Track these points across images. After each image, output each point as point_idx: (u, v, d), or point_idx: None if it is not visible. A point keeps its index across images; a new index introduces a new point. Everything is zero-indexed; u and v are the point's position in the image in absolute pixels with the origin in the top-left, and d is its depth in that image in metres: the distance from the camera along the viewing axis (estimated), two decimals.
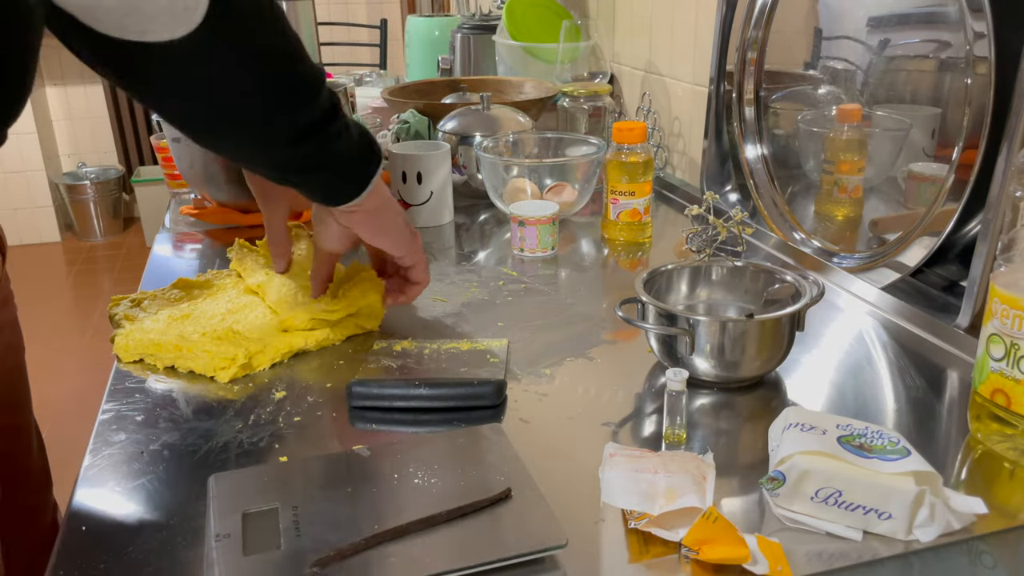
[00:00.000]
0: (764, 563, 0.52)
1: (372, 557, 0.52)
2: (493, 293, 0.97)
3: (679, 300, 0.84)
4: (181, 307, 0.88)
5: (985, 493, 0.59)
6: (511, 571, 0.52)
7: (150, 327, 0.83)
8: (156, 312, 0.87)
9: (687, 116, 1.40)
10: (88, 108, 4.28)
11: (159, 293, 0.92)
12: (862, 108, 0.99)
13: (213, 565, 0.52)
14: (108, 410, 0.74)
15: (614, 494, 0.58)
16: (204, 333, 0.81)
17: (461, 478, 0.59)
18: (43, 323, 3.21)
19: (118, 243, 4.13)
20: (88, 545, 0.57)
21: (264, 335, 0.82)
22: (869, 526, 0.56)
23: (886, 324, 0.88)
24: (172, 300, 0.90)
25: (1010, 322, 0.61)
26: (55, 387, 2.60)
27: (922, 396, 0.74)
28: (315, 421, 0.71)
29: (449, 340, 0.84)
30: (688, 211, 1.03)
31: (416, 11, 2.33)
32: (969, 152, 0.82)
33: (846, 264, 1.00)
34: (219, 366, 0.78)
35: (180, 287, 0.93)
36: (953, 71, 0.85)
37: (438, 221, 1.21)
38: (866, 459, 0.56)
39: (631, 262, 1.08)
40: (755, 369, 0.75)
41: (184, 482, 0.63)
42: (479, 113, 1.31)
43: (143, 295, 0.91)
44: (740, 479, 0.62)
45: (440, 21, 2.20)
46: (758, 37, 1.14)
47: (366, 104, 2.01)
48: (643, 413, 0.72)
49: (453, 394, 0.72)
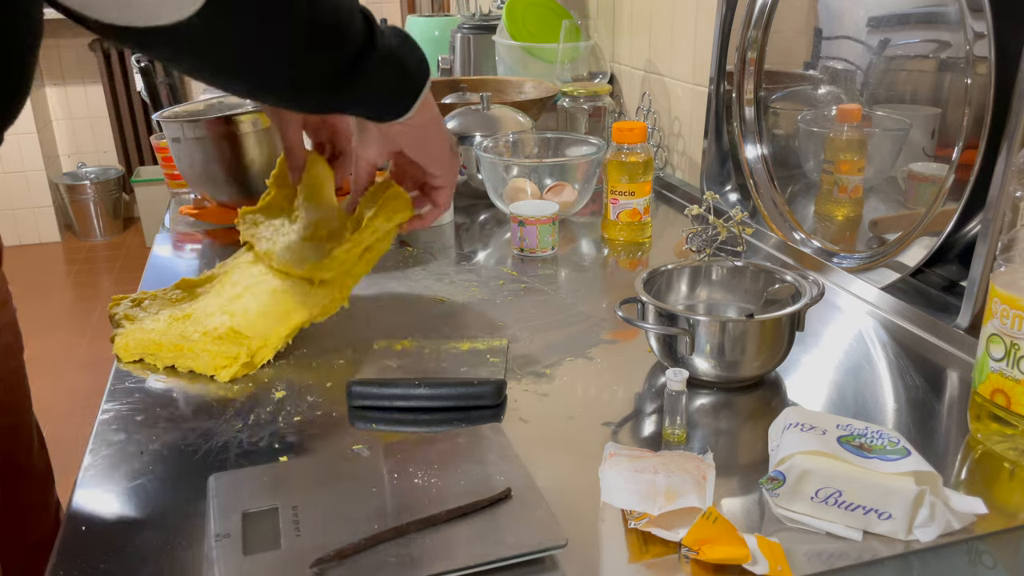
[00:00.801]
0: (764, 563, 0.52)
1: (372, 557, 0.52)
2: (493, 293, 0.97)
3: (679, 300, 0.84)
4: (182, 307, 0.87)
5: (985, 493, 0.59)
6: (511, 571, 0.52)
7: (150, 327, 0.83)
8: (157, 312, 0.87)
9: (687, 116, 1.40)
10: (88, 108, 4.28)
11: (160, 293, 0.91)
12: (862, 108, 0.99)
13: (213, 565, 0.52)
14: (108, 410, 0.74)
15: (614, 494, 0.58)
16: (205, 332, 0.81)
17: (461, 478, 0.59)
18: (43, 323, 3.21)
19: (118, 243, 4.13)
20: (88, 545, 0.57)
21: (265, 326, 0.82)
22: (869, 526, 0.56)
23: (886, 324, 0.88)
24: (173, 300, 0.90)
25: (1010, 322, 0.61)
26: (55, 387, 2.60)
27: (922, 396, 0.74)
28: (315, 421, 0.71)
29: (449, 340, 0.84)
30: (688, 211, 1.03)
31: (416, 11, 2.33)
32: (969, 152, 0.82)
33: (846, 264, 1.00)
34: (220, 365, 0.78)
35: (182, 287, 0.92)
36: (953, 71, 0.85)
37: (438, 221, 1.20)
38: (866, 459, 0.56)
39: (631, 262, 1.08)
40: (755, 369, 0.75)
41: (184, 482, 0.63)
42: (479, 113, 1.31)
43: (144, 295, 0.91)
44: (740, 479, 0.62)
45: (440, 21, 2.20)
46: (758, 37, 1.14)
47: None
48: (643, 413, 0.72)
49: (453, 394, 0.72)
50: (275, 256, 0.87)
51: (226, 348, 0.79)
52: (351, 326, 0.89)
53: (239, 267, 0.91)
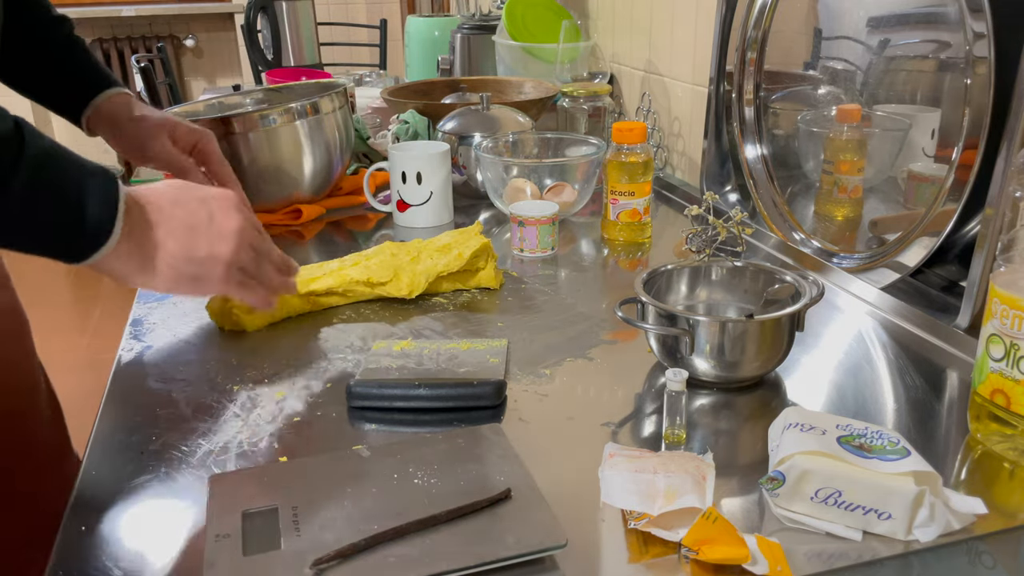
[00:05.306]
0: (764, 563, 0.52)
1: (372, 557, 0.52)
2: (493, 293, 0.97)
3: (679, 300, 0.84)
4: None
5: (985, 493, 0.59)
6: (511, 571, 0.52)
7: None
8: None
9: (687, 116, 1.40)
10: None
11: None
12: (862, 108, 0.99)
13: (213, 565, 0.52)
14: (108, 410, 0.74)
15: (614, 494, 0.58)
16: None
17: (461, 478, 0.59)
18: (43, 323, 3.21)
19: None
20: (88, 545, 0.57)
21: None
22: (869, 526, 0.56)
23: (886, 324, 0.88)
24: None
25: (1010, 322, 0.61)
26: (55, 387, 2.60)
27: (922, 396, 0.74)
28: (315, 421, 0.71)
29: (449, 340, 0.84)
30: (688, 211, 1.03)
31: (416, 11, 2.33)
32: (969, 152, 0.82)
33: (846, 264, 1.00)
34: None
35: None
36: (953, 71, 0.85)
37: (438, 221, 1.20)
38: (866, 459, 0.56)
39: (631, 262, 1.08)
40: (755, 369, 0.75)
41: (184, 482, 0.63)
42: (479, 113, 1.31)
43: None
44: (740, 479, 0.62)
45: (440, 21, 2.20)
46: (758, 37, 1.14)
47: (366, 104, 2.01)
48: (643, 413, 0.72)
49: (453, 394, 0.72)
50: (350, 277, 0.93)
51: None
52: (351, 326, 0.89)
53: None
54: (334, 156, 1.24)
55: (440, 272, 0.94)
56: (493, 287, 0.97)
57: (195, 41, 4.65)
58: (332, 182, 1.27)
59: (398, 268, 0.94)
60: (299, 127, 1.17)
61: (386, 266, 0.94)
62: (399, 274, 0.93)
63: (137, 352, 0.85)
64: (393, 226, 1.21)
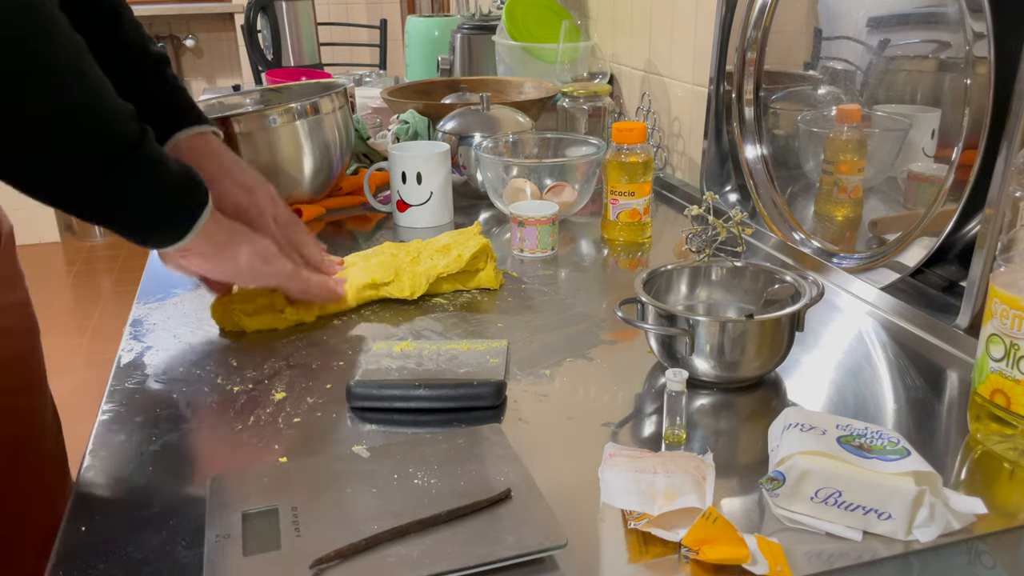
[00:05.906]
0: (764, 563, 0.52)
1: (372, 557, 0.52)
2: (493, 293, 0.97)
3: (679, 300, 0.84)
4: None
5: (985, 493, 0.59)
6: (511, 571, 0.52)
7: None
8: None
9: (687, 116, 1.40)
10: None
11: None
12: (862, 108, 0.99)
13: (213, 565, 0.52)
14: (108, 410, 0.74)
15: (614, 494, 0.58)
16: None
17: (461, 478, 0.59)
18: (43, 323, 3.20)
19: (118, 243, 4.13)
20: (88, 545, 0.57)
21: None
22: (869, 526, 0.56)
23: (886, 324, 0.88)
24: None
25: (1010, 322, 0.61)
26: (55, 387, 2.59)
27: (922, 396, 0.74)
28: (315, 421, 0.71)
29: (449, 340, 0.84)
30: (688, 211, 1.03)
31: (416, 11, 2.33)
32: (969, 152, 0.82)
33: (846, 264, 1.00)
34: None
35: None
36: (953, 71, 0.85)
37: (438, 221, 1.21)
38: (866, 459, 0.56)
39: (631, 262, 1.08)
40: (755, 369, 0.75)
41: (184, 482, 0.63)
42: (479, 113, 1.31)
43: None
44: (740, 479, 0.62)
45: (440, 21, 2.20)
46: (758, 37, 1.14)
47: (366, 104, 2.00)
48: (643, 413, 0.72)
49: (453, 395, 0.72)
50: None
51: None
52: (350, 327, 0.89)
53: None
54: (334, 156, 1.24)
55: (440, 273, 0.94)
56: (493, 287, 0.97)
57: (195, 41, 4.66)
58: (332, 182, 1.27)
59: (399, 269, 0.94)
60: (299, 127, 1.17)
61: (387, 266, 0.94)
62: (400, 275, 0.93)
63: (137, 352, 0.85)
64: (393, 226, 1.21)
